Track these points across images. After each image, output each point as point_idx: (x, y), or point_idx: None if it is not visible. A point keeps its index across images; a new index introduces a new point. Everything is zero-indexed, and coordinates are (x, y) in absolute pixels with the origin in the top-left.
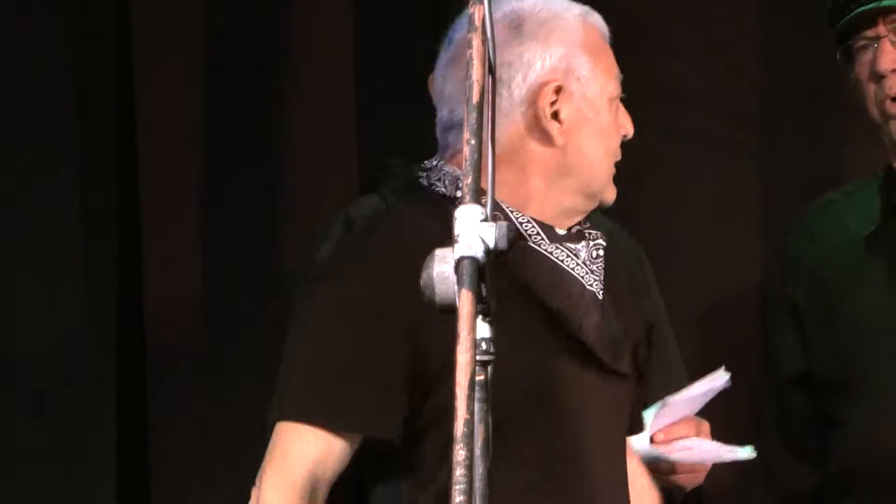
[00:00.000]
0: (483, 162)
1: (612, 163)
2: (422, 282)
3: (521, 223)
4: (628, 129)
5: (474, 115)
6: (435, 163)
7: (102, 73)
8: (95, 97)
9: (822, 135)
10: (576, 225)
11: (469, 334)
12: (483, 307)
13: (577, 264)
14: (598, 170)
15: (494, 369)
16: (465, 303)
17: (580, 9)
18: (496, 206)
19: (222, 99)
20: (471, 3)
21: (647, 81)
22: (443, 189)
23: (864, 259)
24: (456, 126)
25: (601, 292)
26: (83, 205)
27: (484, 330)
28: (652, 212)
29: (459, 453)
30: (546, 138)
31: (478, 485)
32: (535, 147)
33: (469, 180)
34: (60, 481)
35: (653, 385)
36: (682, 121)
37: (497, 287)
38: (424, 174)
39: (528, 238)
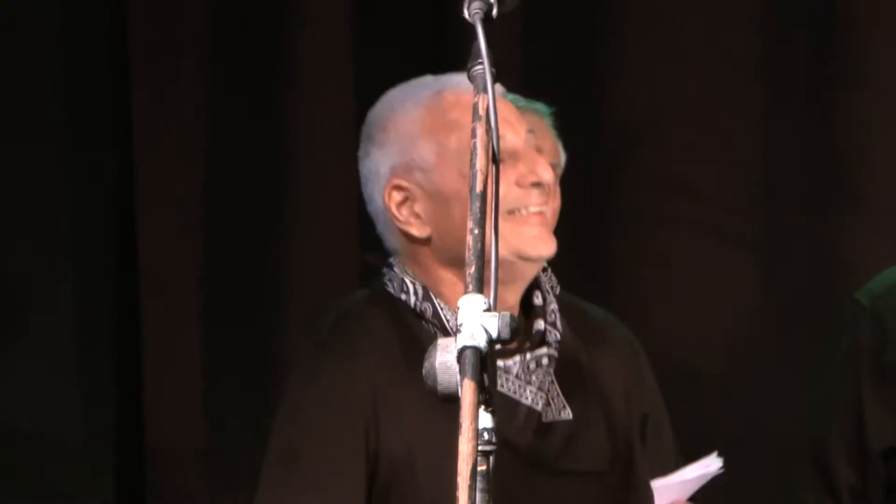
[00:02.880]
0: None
1: (508, 221)
2: (424, 371)
3: (452, 328)
4: (528, 176)
5: (478, 204)
6: (393, 261)
7: (100, 139)
8: (92, 175)
9: (824, 225)
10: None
11: (471, 424)
12: (485, 397)
13: (508, 380)
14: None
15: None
16: (467, 392)
17: (436, 86)
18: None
19: (221, 176)
20: (475, 92)
21: (649, 172)
22: (391, 289)
23: None
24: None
25: (541, 401)
26: (80, 298)
27: (486, 420)
28: (653, 299)
29: None
30: (415, 236)
31: None
32: (417, 247)
33: (472, 269)
34: None
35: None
36: (681, 210)
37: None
38: (386, 272)
39: None
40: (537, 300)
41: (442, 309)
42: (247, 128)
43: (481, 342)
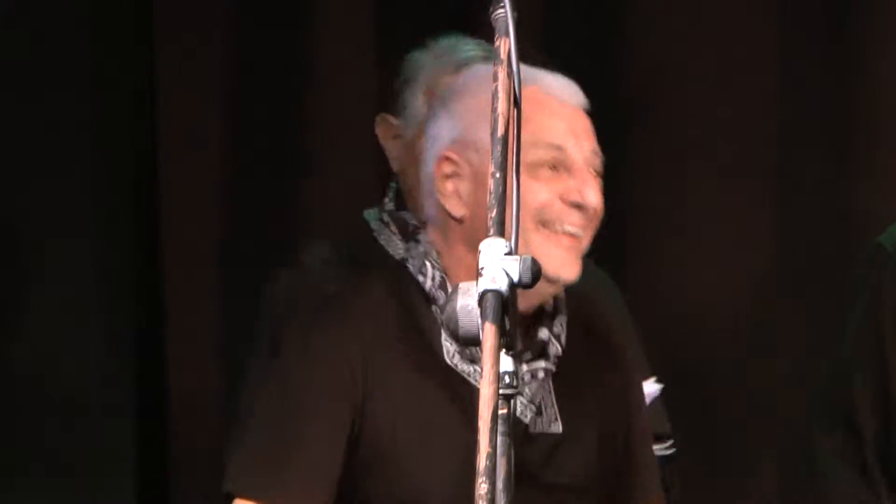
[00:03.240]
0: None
1: (540, 232)
2: (445, 315)
3: None
4: (573, 194)
5: (499, 147)
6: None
7: (121, 116)
8: (114, 155)
9: (839, 160)
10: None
11: (493, 367)
12: (506, 340)
13: None
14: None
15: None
16: (488, 336)
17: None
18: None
19: (243, 121)
20: (496, 36)
21: (674, 112)
22: (410, 267)
23: None
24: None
25: (530, 413)
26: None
27: (507, 363)
28: (677, 230)
29: (482, 486)
30: (450, 213)
31: None
32: (450, 223)
33: (494, 213)
34: None
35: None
36: (704, 146)
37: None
38: (412, 245)
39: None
40: (548, 307)
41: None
42: (271, 73)
43: (502, 286)
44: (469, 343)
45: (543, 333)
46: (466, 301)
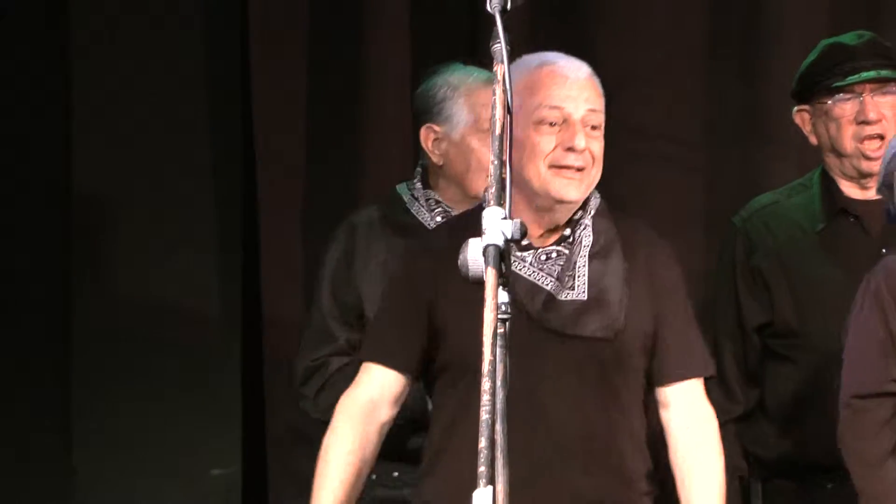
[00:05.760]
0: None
1: (550, 170)
2: (459, 262)
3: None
4: (565, 142)
5: (497, 143)
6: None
7: (230, 100)
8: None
9: (752, 154)
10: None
11: (493, 299)
12: (503, 280)
13: (525, 266)
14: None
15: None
16: (490, 277)
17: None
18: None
19: (318, 133)
20: (494, 62)
21: (618, 116)
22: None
23: (815, 246)
24: None
25: (551, 284)
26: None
27: (503, 296)
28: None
29: (486, 383)
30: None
31: (499, 406)
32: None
33: (493, 189)
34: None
35: (658, 363)
36: (643, 145)
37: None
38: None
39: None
40: (576, 216)
41: None
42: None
43: (500, 241)
44: (476, 283)
45: (566, 231)
46: (474, 252)
